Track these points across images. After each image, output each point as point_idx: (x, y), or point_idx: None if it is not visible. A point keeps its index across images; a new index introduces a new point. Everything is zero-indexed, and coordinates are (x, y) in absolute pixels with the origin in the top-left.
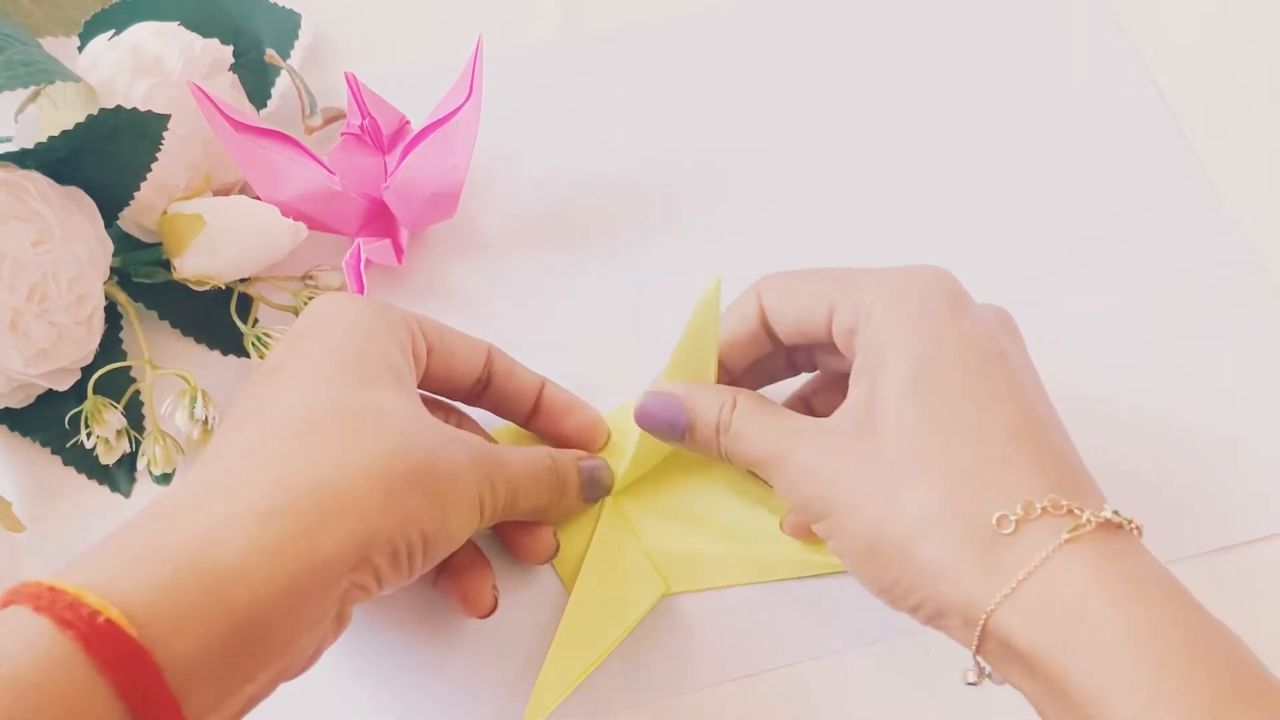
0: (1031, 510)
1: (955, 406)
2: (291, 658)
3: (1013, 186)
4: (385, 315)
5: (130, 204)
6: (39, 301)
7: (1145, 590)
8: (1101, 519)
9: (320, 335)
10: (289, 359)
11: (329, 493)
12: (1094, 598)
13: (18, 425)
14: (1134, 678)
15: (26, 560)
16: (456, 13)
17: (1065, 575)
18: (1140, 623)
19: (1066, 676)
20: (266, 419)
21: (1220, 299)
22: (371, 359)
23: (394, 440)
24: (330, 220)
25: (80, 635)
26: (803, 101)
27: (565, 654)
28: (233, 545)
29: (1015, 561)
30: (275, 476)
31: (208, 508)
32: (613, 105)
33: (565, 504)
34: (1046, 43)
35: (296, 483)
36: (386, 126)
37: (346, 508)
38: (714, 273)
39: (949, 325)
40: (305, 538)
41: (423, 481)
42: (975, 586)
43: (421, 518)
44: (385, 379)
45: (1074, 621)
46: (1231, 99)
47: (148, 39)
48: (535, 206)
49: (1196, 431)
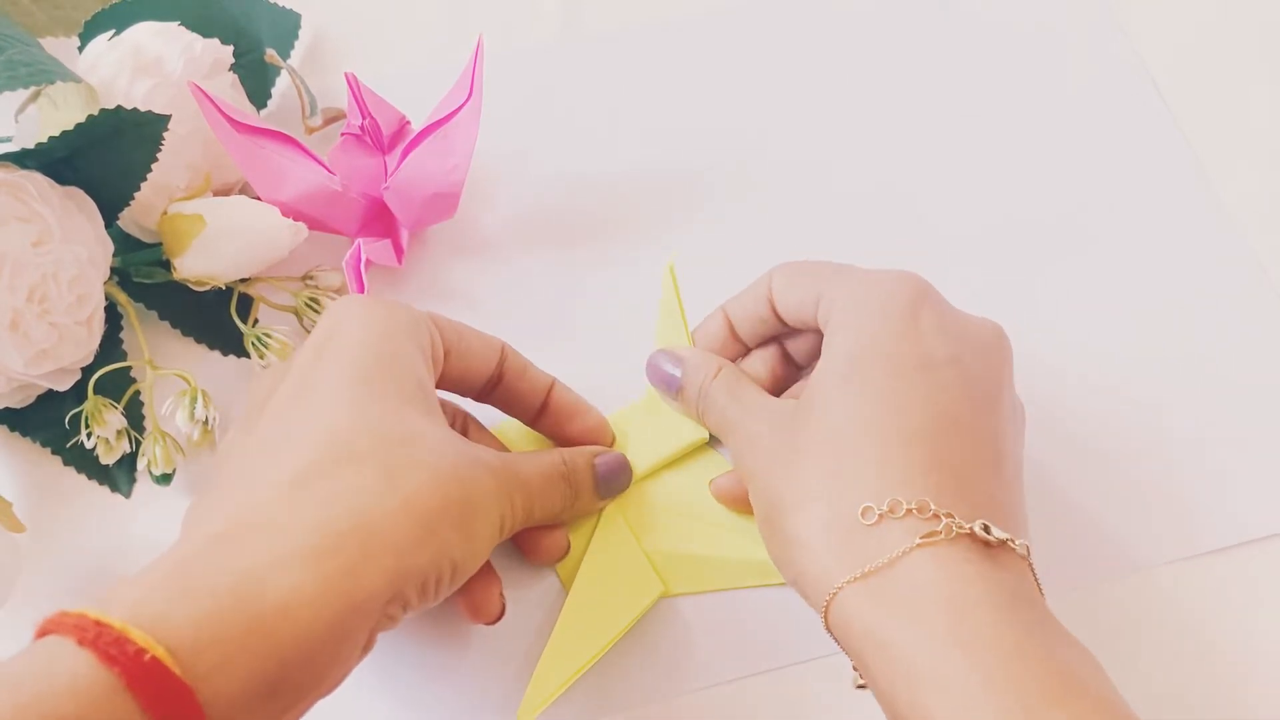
0: (897, 509)
1: (871, 401)
2: (324, 689)
3: (1013, 186)
4: (406, 320)
5: (130, 204)
6: (39, 302)
7: (987, 596)
8: (966, 530)
9: (345, 347)
10: (316, 375)
11: (371, 532)
12: (930, 599)
13: (18, 425)
14: (955, 679)
15: (27, 560)
16: (456, 13)
17: (909, 574)
18: (972, 627)
19: (894, 670)
20: (304, 447)
21: (1220, 299)
22: (399, 373)
23: (429, 472)
24: (330, 220)
25: (125, 672)
26: (803, 101)
27: (560, 652)
28: (279, 585)
29: (869, 552)
30: (318, 514)
31: (251, 543)
32: (612, 105)
33: (580, 505)
34: (1047, 43)
35: (340, 522)
36: (386, 126)
37: (385, 548)
38: (669, 258)
39: (895, 326)
40: (347, 577)
41: (454, 513)
42: (829, 567)
43: (453, 549)
44: (415, 397)
45: (908, 618)
46: (1231, 99)
47: (148, 39)
48: (535, 206)
49: (1196, 431)
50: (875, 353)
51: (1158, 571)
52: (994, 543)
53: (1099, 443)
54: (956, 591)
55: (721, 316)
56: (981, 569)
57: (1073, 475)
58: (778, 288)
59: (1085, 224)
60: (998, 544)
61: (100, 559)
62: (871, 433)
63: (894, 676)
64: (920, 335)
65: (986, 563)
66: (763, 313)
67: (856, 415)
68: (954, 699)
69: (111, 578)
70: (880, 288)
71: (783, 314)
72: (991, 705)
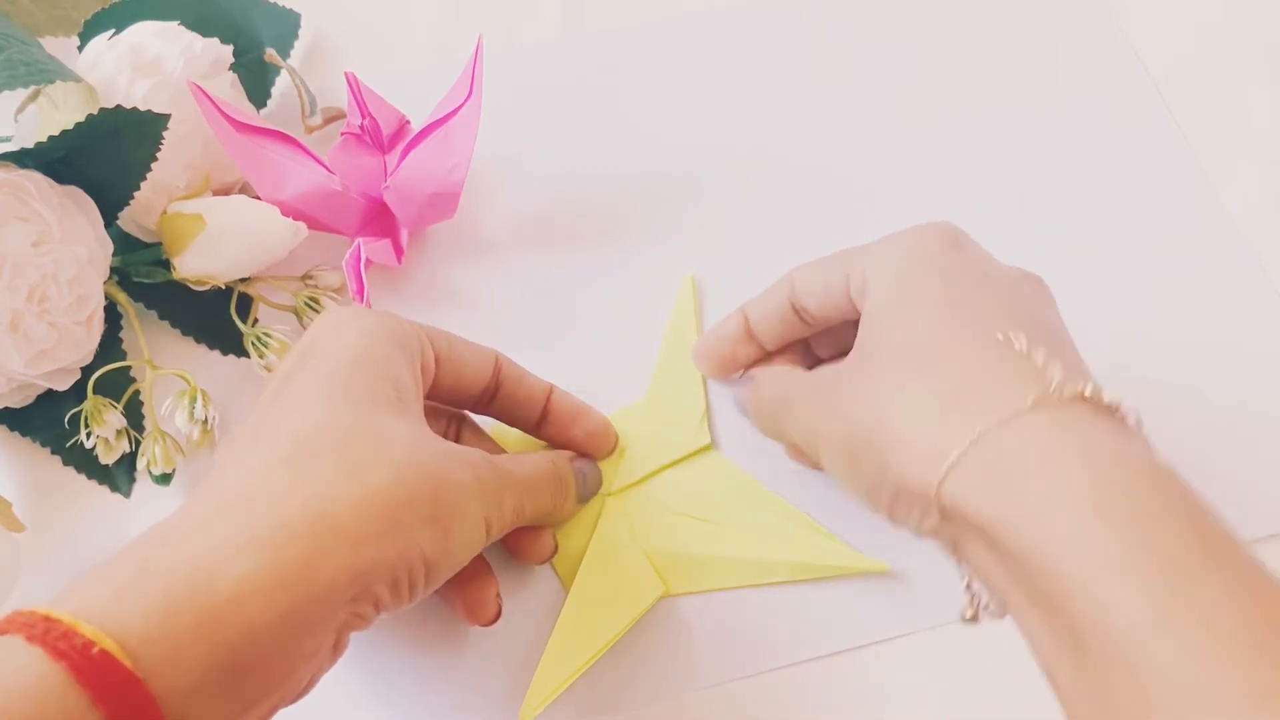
0: (1009, 347)
1: (936, 307)
2: (288, 688)
3: (1013, 187)
4: (391, 329)
5: (130, 204)
6: (39, 302)
7: (1113, 454)
8: (1078, 390)
9: (324, 352)
10: (293, 380)
11: (327, 523)
12: (1052, 459)
13: (18, 425)
14: (1090, 539)
15: (26, 560)
16: (457, 13)
17: (1028, 436)
18: (1101, 481)
19: (1019, 544)
20: (267, 442)
21: (1220, 299)
22: (375, 375)
23: (393, 466)
24: (330, 220)
25: (73, 666)
26: (802, 102)
27: (561, 651)
28: (229, 573)
29: (978, 418)
30: (273, 504)
31: (205, 533)
32: (612, 105)
33: (566, 507)
34: (1047, 44)
35: (294, 511)
36: (386, 126)
37: (343, 538)
38: (688, 271)
39: (941, 253)
40: (303, 567)
41: (423, 508)
42: (935, 442)
43: (423, 545)
44: (387, 398)
45: (1028, 481)
46: (1231, 99)
47: (148, 39)
48: (535, 206)
49: (1195, 431)
50: (929, 269)
51: None
52: (1105, 408)
53: None
54: (1075, 449)
55: (739, 317)
56: (1093, 428)
57: None
58: (800, 280)
59: (1085, 224)
60: (1107, 410)
61: (100, 558)
62: (951, 324)
63: (1024, 551)
64: (966, 257)
65: (1097, 419)
66: (784, 311)
67: (929, 318)
68: (1097, 570)
69: None
70: (915, 232)
71: (808, 305)
72: (1139, 576)
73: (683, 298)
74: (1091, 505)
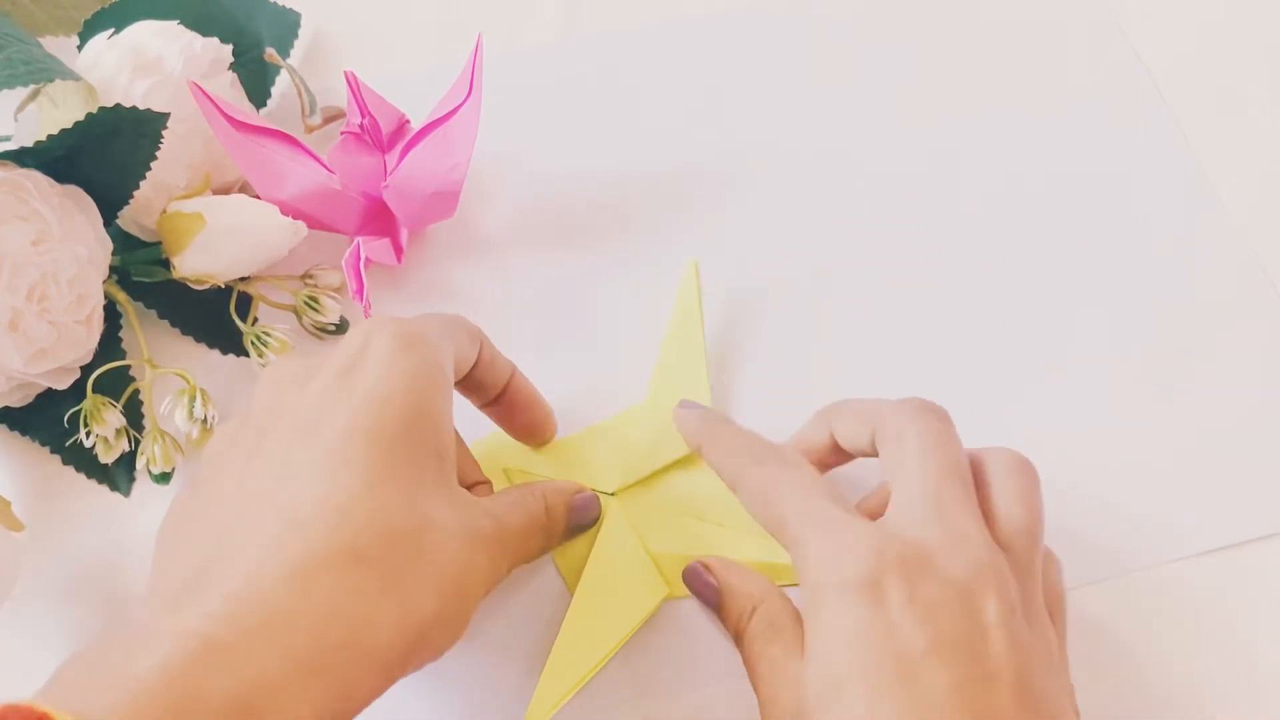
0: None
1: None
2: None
3: (1013, 186)
4: (444, 368)
5: (130, 203)
6: (38, 301)
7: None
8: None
9: (372, 395)
10: (334, 420)
11: (365, 649)
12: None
13: (17, 424)
14: None
15: (26, 559)
16: (456, 13)
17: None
18: None
19: None
20: (310, 528)
21: (1220, 299)
22: (423, 440)
23: (434, 579)
24: (330, 219)
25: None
26: (801, 102)
27: (567, 656)
28: (276, 708)
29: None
30: (317, 626)
31: (247, 656)
32: (612, 105)
33: (550, 545)
34: (1047, 44)
35: (336, 637)
36: (386, 126)
37: (377, 664)
38: (691, 257)
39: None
40: (339, 701)
41: (450, 614)
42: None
43: (439, 646)
44: (433, 470)
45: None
46: (1231, 99)
47: (147, 38)
48: (535, 206)
49: (1196, 431)
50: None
51: (1158, 571)
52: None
53: (1097, 442)
54: None
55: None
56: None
57: (1073, 475)
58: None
59: (1085, 224)
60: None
61: (99, 558)
62: None
63: None
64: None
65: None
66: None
67: None
68: None
69: (110, 576)
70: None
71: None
72: None
73: (686, 283)
74: None
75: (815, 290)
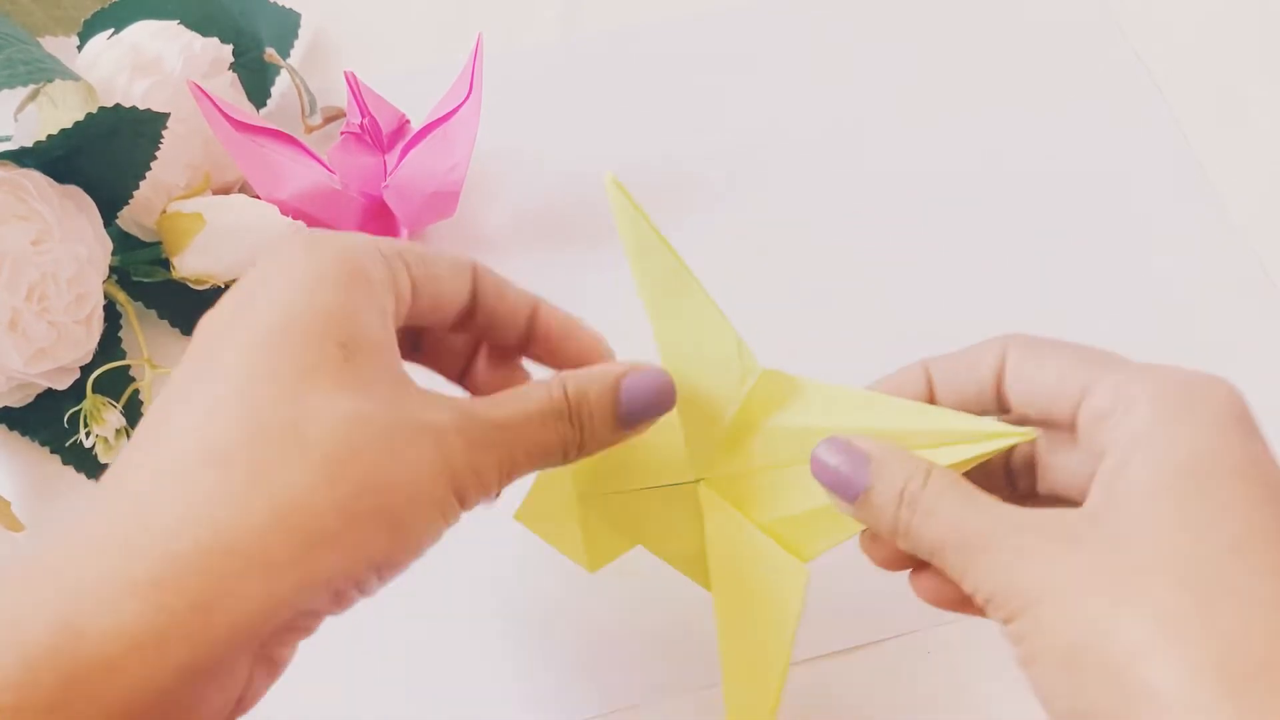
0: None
1: (1221, 514)
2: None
3: (1013, 186)
4: (349, 261)
5: (129, 203)
6: (38, 301)
7: None
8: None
9: (259, 305)
10: (218, 344)
11: (225, 552)
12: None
13: (17, 424)
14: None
15: None
16: (456, 13)
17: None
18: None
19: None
20: (170, 445)
21: (1220, 299)
22: (309, 337)
23: (314, 465)
24: (330, 219)
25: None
26: (801, 101)
27: (744, 673)
28: (101, 632)
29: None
30: (161, 533)
31: (75, 572)
32: (612, 105)
33: (591, 444)
34: (1047, 44)
35: (184, 542)
36: (386, 125)
37: (250, 568)
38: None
39: (1235, 445)
40: (195, 614)
41: (364, 506)
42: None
43: (370, 549)
44: (324, 365)
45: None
46: (1231, 99)
47: (147, 38)
48: (535, 205)
49: None
50: (1219, 466)
51: None
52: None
53: None
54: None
55: (922, 374)
56: None
57: None
58: (1016, 364)
59: (1085, 224)
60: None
61: None
62: (1249, 559)
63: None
64: (1266, 457)
65: None
66: (981, 386)
67: (1211, 529)
68: None
69: None
70: (1197, 393)
71: (1015, 396)
72: None
73: (619, 205)
74: None
75: (815, 290)
